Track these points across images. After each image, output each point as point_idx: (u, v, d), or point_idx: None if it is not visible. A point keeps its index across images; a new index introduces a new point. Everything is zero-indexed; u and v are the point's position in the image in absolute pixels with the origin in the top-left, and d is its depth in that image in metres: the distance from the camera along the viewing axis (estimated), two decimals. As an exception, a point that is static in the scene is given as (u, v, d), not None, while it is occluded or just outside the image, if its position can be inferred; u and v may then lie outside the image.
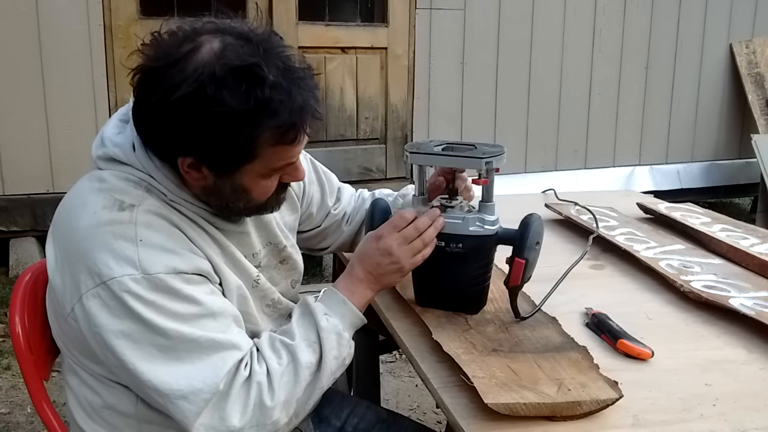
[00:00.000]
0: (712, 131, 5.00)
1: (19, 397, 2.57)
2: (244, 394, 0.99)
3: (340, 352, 1.07)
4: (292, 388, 1.02)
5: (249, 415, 0.99)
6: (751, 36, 4.93)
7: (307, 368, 1.04)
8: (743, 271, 1.45)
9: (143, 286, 0.94)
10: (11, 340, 1.18)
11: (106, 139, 1.07)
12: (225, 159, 0.98)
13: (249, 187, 1.03)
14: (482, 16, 4.25)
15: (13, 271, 3.53)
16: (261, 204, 1.08)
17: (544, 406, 0.89)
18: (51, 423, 1.15)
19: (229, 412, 0.97)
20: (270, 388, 1.00)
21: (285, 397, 1.02)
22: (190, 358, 0.96)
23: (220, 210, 1.07)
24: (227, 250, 1.09)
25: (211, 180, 1.01)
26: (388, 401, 2.57)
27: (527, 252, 1.10)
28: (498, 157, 1.13)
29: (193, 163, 0.99)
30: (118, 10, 3.56)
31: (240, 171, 1.00)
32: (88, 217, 0.99)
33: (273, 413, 1.00)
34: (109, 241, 0.96)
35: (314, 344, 1.05)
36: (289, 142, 0.98)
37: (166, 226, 1.01)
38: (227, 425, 0.97)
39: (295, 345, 1.05)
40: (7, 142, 3.44)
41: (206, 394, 0.96)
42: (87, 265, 0.96)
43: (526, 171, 4.51)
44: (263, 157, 0.99)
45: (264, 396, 1.00)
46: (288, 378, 1.03)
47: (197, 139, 0.95)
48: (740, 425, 0.91)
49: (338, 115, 4.07)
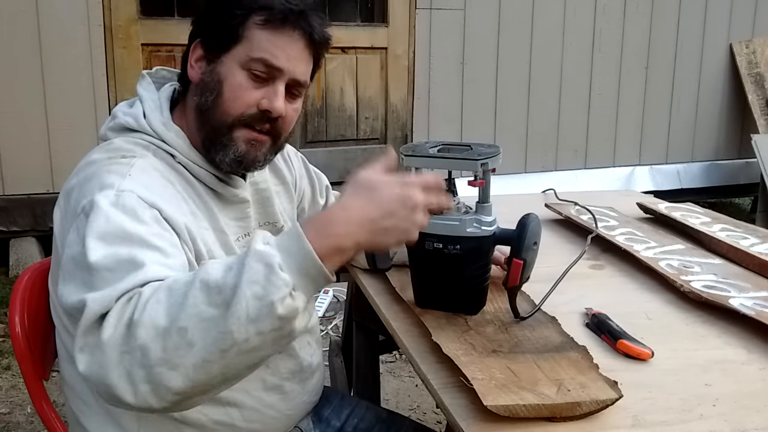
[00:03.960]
0: (712, 131, 5.00)
1: (19, 397, 2.57)
2: (123, 305, 0.83)
3: (266, 290, 0.79)
4: (176, 310, 0.80)
5: (119, 330, 0.81)
6: (751, 36, 4.93)
7: (202, 289, 0.80)
8: (743, 271, 1.44)
9: (109, 199, 0.94)
10: (11, 340, 1.18)
11: (117, 112, 1.14)
12: (218, 35, 1.09)
13: (224, 78, 1.08)
14: (482, 16, 4.25)
15: (13, 271, 3.53)
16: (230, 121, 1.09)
17: (544, 407, 0.89)
18: (51, 423, 1.15)
19: (104, 325, 0.82)
20: (146, 302, 0.82)
21: (164, 320, 0.79)
22: (101, 275, 0.87)
23: (203, 141, 1.11)
24: (218, 226, 1.12)
25: (206, 69, 1.10)
26: (388, 401, 2.57)
27: (525, 252, 1.10)
28: (494, 157, 1.13)
29: (200, 48, 1.11)
30: (118, 10, 3.56)
31: (226, 55, 1.08)
32: (91, 168, 1.03)
33: (139, 333, 0.79)
34: (102, 176, 0.99)
35: (229, 269, 0.81)
36: (275, 21, 1.06)
37: (159, 177, 1.05)
38: (99, 339, 0.82)
39: (206, 263, 0.85)
40: (7, 142, 3.45)
41: (96, 306, 0.84)
42: (78, 200, 0.98)
43: (526, 171, 4.51)
44: (248, 39, 1.07)
45: (136, 310, 0.81)
46: (175, 298, 0.81)
47: (205, 16, 1.12)
48: (740, 425, 0.90)
49: (338, 115, 4.07)
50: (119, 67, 3.58)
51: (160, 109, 1.13)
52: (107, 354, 0.81)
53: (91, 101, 3.54)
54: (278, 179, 1.31)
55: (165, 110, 1.13)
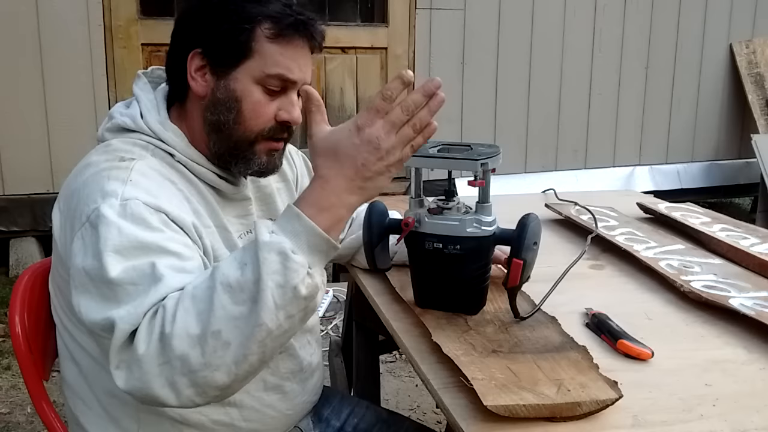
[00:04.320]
0: (712, 131, 5.01)
1: (19, 397, 2.57)
2: (151, 320, 0.86)
3: (287, 277, 0.82)
4: (206, 316, 0.83)
5: (153, 345, 0.84)
6: (751, 36, 4.93)
7: (226, 291, 0.83)
8: (743, 271, 1.44)
9: (116, 210, 0.94)
10: (11, 340, 1.18)
11: (114, 113, 1.14)
12: (225, 49, 1.06)
13: (241, 96, 1.07)
14: (482, 16, 4.25)
15: (13, 271, 3.54)
16: (252, 137, 1.08)
17: (544, 407, 0.89)
18: (51, 423, 1.15)
19: (136, 341, 0.85)
20: (174, 313, 0.84)
21: (196, 328, 0.83)
22: (124, 291, 0.89)
23: (219, 153, 1.10)
24: (221, 223, 1.12)
25: (212, 85, 1.07)
26: (388, 401, 2.57)
27: (525, 252, 1.10)
28: (494, 157, 1.13)
29: (200, 58, 1.07)
30: (118, 10, 3.56)
31: (237, 70, 1.06)
32: (90, 171, 1.02)
33: (175, 345, 0.83)
34: (102, 183, 0.98)
35: (245, 265, 0.84)
36: (285, 33, 1.05)
37: (159, 178, 1.04)
38: (135, 356, 0.85)
39: (219, 265, 0.87)
40: (7, 142, 3.45)
41: (126, 325, 0.86)
42: (80, 209, 0.98)
43: (526, 171, 4.51)
44: (260, 54, 1.05)
45: (166, 322, 0.84)
46: (201, 305, 0.83)
47: (205, 25, 1.07)
48: (740, 425, 0.90)
49: (338, 115, 4.07)
50: (119, 67, 3.58)
51: (157, 109, 1.12)
52: (146, 368, 0.84)
53: (91, 101, 3.55)
54: (279, 176, 1.31)
55: (162, 110, 1.13)
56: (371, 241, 1.20)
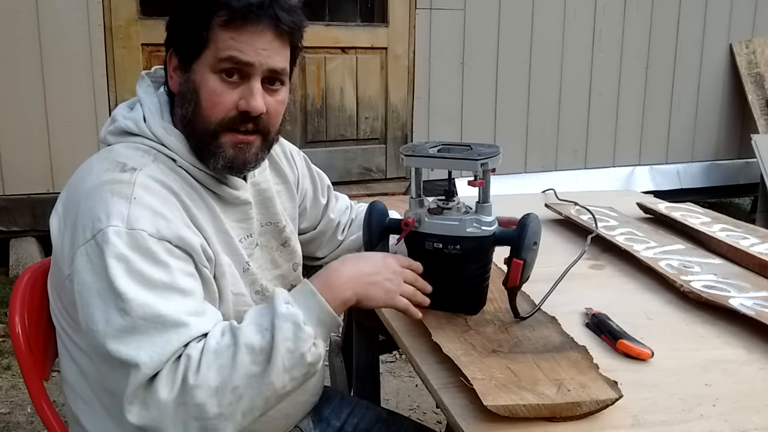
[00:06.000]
0: (712, 131, 5.00)
1: (19, 397, 2.57)
2: (174, 367, 0.93)
3: (296, 345, 0.95)
4: (227, 372, 0.93)
5: (175, 392, 0.92)
6: (751, 36, 4.93)
7: (248, 353, 0.94)
8: (743, 271, 1.45)
9: (123, 240, 0.95)
10: (11, 340, 1.18)
11: (117, 116, 1.13)
12: (187, 43, 1.08)
13: (198, 86, 1.07)
14: (482, 16, 4.25)
15: (13, 271, 3.53)
16: (212, 128, 1.07)
17: (544, 407, 0.89)
18: (51, 423, 1.15)
19: (157, 385, 0.92)
20: (198, 365, 0.92)
21: (215, 381, 0.92)
22: (146, 329, 0.93)
23: (194, 150, 1.09)
24: (222, 228, 1.11)
25: (182, 79, 1.09)
26: (388, 401, 2.58)
27: (525, 252, 1.10)
28: (493, 157, 1.13)
29: (174, 56, 1.10)
30: (118, 10, 3.56)
31: (197, 62, 1.07)
32: (92, 179, 1.02)
33: (196, 394, 0.91)
34: (106, 198, 0.98)
35: (265, 330, 0.95)
36: (237, 18, 1.04)
37: (163, 192, 1.03)
38: (155, 398, 0.91)
39: (241, 327, 0.97)
40: (7, 142, 3.45)
41: (149, 370, 0.92)
42: (83, 222, 0.98)
43: (526, 171, 4.51)
44: (214, 42, 1.05)
45: (189, 373, 0.92)
46: (223, 361, 0.93)
47: (173, 24, 1.11)
48: (740, 425, 0.90)
49: (338, 115, 4.07)
50: (119, 67, 3.58)
51: (161, 113, 1.12)
52: (164, 411, 0.92)
53: (91, 101, 3.54)
54: (280, 178, 1.31)
55: (165, 113, 1.12)
56: (371, 241, 1.20)
